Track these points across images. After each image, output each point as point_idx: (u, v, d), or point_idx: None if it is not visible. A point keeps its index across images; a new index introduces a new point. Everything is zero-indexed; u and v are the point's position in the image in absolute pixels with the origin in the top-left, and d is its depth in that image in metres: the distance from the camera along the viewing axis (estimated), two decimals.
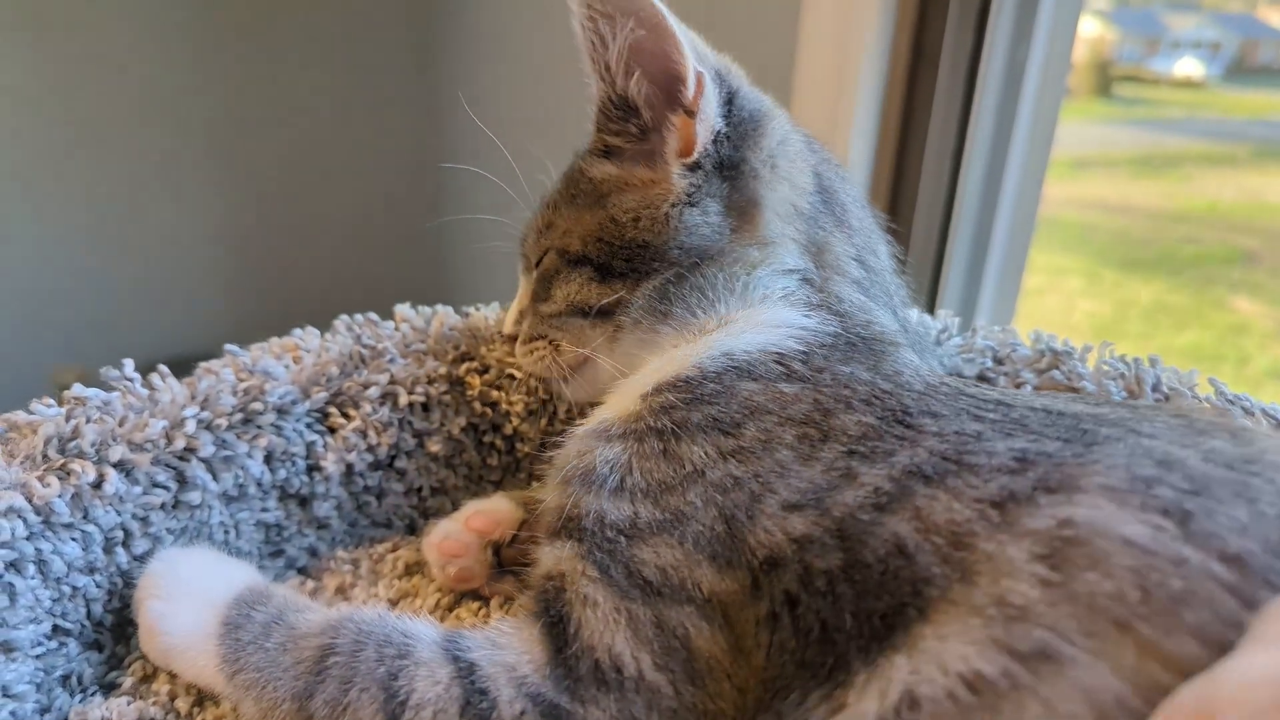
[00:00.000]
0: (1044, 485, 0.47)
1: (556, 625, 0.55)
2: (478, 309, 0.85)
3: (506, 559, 0.73)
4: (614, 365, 0.68)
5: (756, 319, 0.64)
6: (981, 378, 0.74)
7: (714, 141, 0.66)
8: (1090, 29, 1.85)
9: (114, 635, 0.68)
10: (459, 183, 2.61)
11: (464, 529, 0.72)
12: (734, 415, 0.58)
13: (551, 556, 0.59)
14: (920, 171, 1.20)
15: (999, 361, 0.75)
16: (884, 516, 0.50)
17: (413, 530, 0.83)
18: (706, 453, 0.57)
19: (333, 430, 0.76)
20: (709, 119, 0.65)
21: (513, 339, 0.75)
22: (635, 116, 0.67)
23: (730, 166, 0.67)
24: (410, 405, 0.78)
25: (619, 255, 0.68)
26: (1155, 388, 0.69)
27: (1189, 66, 1.95)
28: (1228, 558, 0.41)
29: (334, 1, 2.53)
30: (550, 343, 0.71)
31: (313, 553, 0.78)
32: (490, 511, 0.73)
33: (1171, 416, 0.54)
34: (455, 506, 0.79)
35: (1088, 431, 0.51)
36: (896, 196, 1.24)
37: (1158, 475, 0.45)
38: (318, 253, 2.73)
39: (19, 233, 2.39)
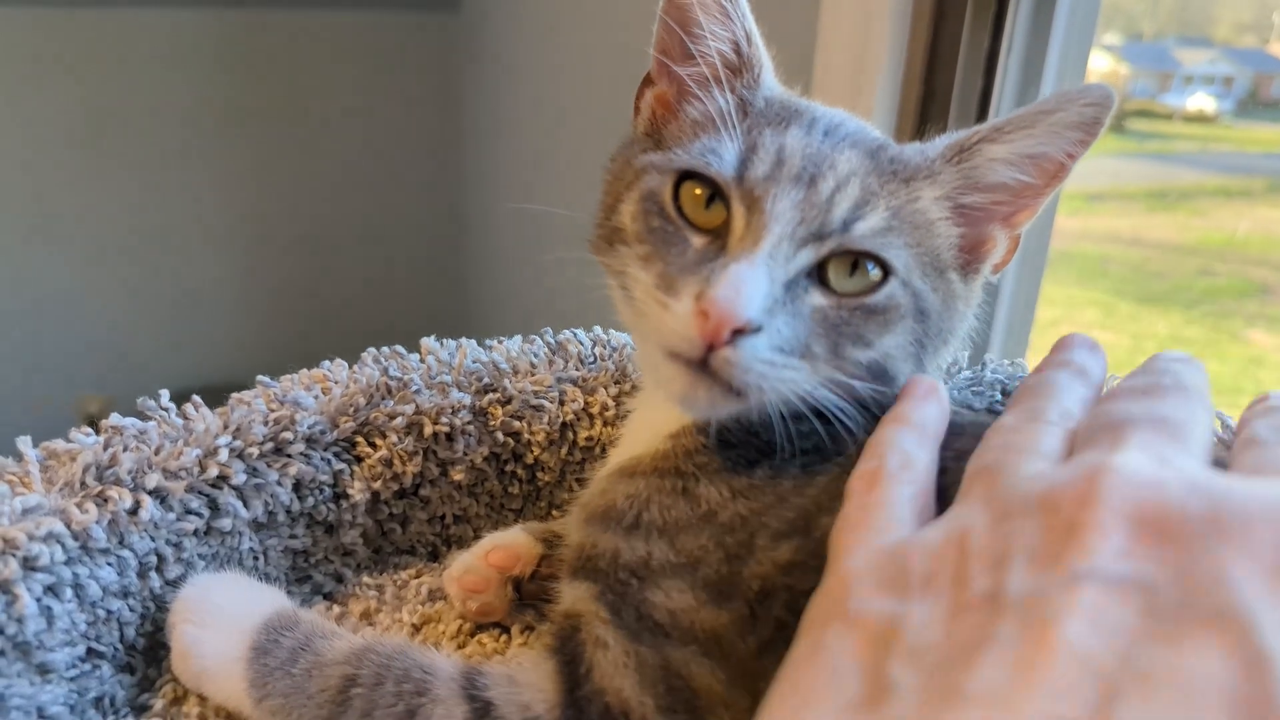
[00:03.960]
0: None
1: (570, 664, 0.56)
2: (500, 342, 0.88)
3: (527, 593, 0.74)
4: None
5: None
6: (991, 411, 0.75)
7: None
8: (1102, 64, 1.87)
9: (146, 658, 0.69)
10: (482, 217, 2.65)
11: (484, 565, 0.73)
12: (751, 455, 0.59)
13: (570, 595, 0.61)
14: None
15: (1008, 395, 0.76)
16: None
17: (435, 557, 0.85)
18: (720, 493, 0.58)
19: (359, 459, 0.79)
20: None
21: (739, 331, 0.52)
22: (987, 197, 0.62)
23: None
24: (435, 435, 0.80)
25: (933, 333, 0.61)
26: None
27: (1202, 101, 1.97)
28: None
29: (359, 41, 2.58)
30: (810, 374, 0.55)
31: (338, 579, 0.80)
32: (509, 546, 0.74)
33: None
34: (477, 534, 0.81)
35: None
36: None
37: None
38: (341, 285, 2.77)
39: (44, 264, 2.44)
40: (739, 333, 0.52)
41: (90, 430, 0.72)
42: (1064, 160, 0.59)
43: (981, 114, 1.16)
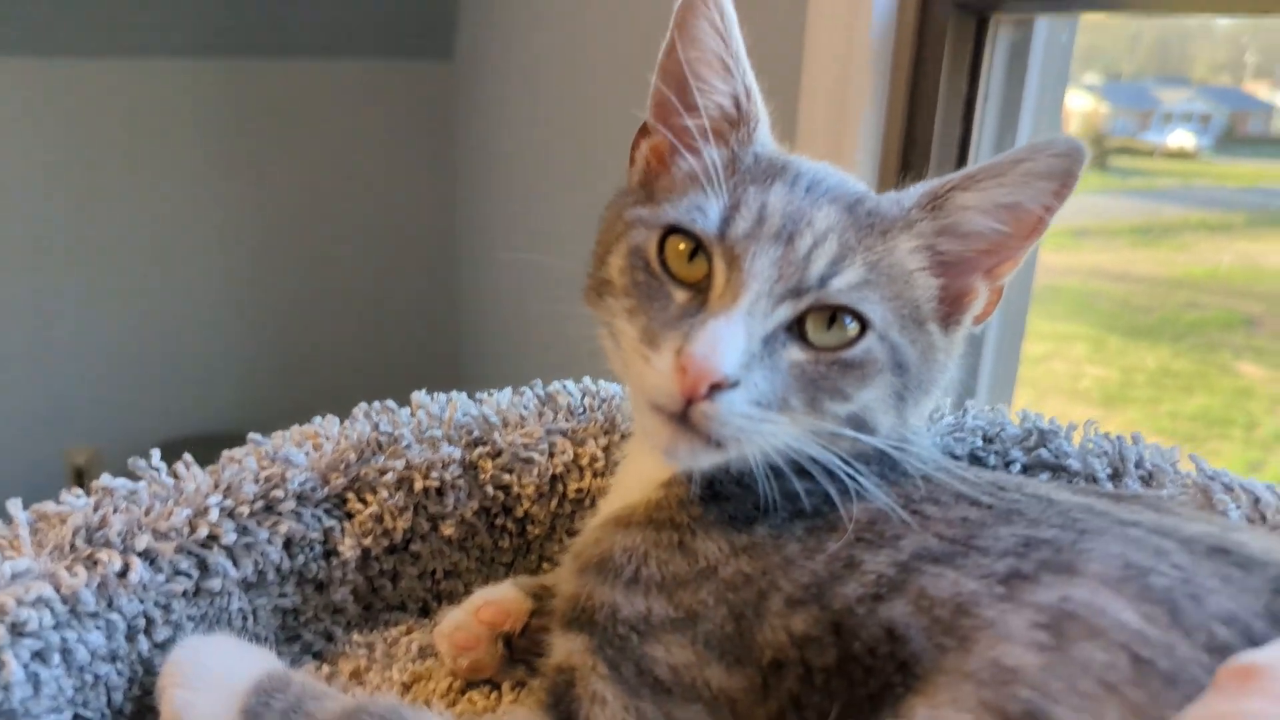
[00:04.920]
0: (1047, 566, 0.49)
1: None
2: (490, 394, 0.89)
3: (518, 649, 0.74)
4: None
5: None
6: (973, 457, 0.76)
7: None
8: (1084, 104, 1.91)
9: None
10: (477, 265, 2.66)
11: (474, 621, 0.73)
12: (747, 510, 0.60)
13: (564, 648, 0.61)
14: None
15: (989, 440, 0.77)
16: (879, 606, 0.51)
17: (426, 613, 0.85)
18: (720, 548, 0.58)
19: (350, 515, 0.79)
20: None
21: (716, 386, 0.53)
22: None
23: None
24: (425, 490, 0.80)
25: (913, 385, 0.61)
26: (1138, 465, 0.71)
27: (1181, 138, 2.00)
28: (1214, 648, 0.43)
29: (354, 90, 2.60)
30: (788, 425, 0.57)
31: (328, 637, 0.80)
32: (500, 602, 0.74)
33: (1145, 507, 0.57)
34: (468, 589, 0.81)
35: (1079, 520, 0.54)
36: None
37: (1151, 565, 0.48)
38: (331, 334, 2.76)
39: (32, 314, 2.44)
40: (716, 387, 0.53)
41: (81, 491, 0.72)
42: (1040, 213, 0.60)
43: (961, 160, 1.19)
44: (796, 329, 0.57)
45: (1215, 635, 0.44)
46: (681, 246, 0.60)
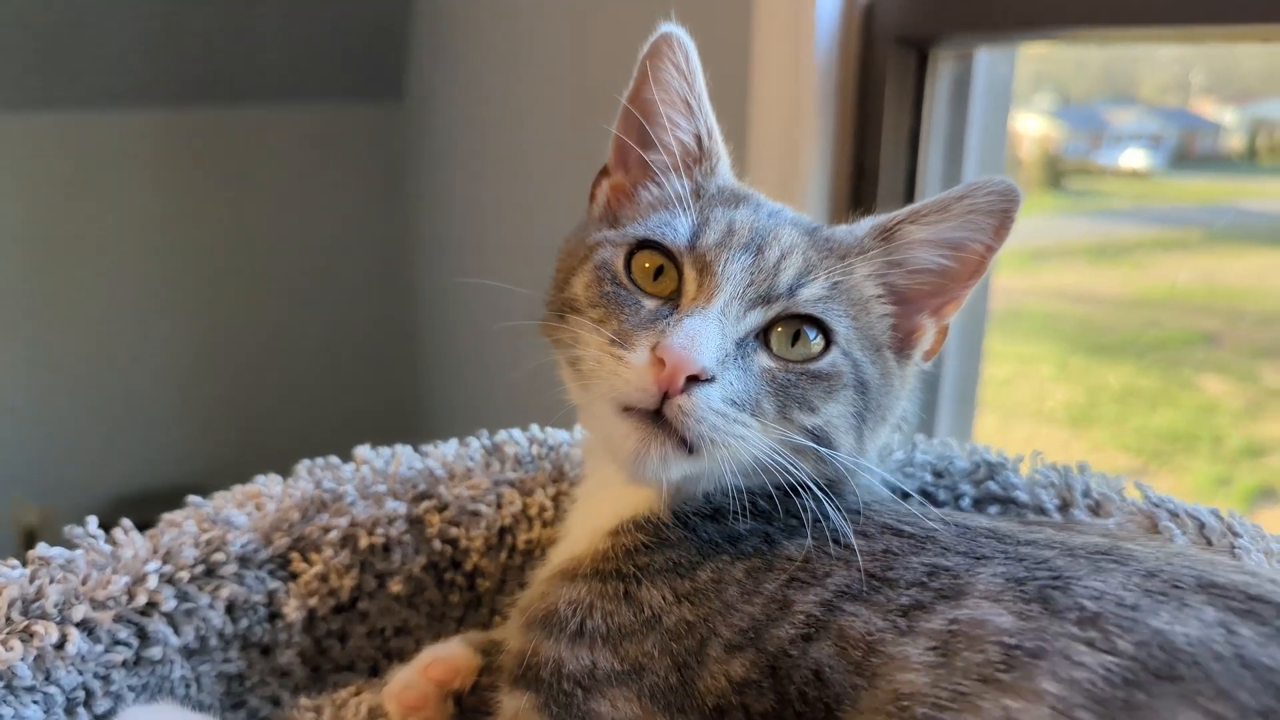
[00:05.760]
0: (943, 594, 0.52)
1: None
2: (436, 446, 0.88)
3: (469, 707, 0.73)
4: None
5: None
6: (923, 492, 0.76)
7: None
8: (1036, 126, 1.94)
9: None
10: (429, 313, 2.64)
11: (423, 680, 0.72)
12: (692, 555, 0.61)
13: (511, 706, 0.61)
14: None
15: (938, 475, 0.77)
16: (809, 647, 0.53)
17: (376, 672, 0.83)
18: (664, 596, 0.59)
19: (294, 576, 0.78)
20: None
21: (693, 379, 0.54)
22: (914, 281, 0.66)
23: None
24: (371, 547, 0.79)
25: (873, 407, 0.64)
26: (1085, 494, 0.71)
27: (1134, 158, 2.02)
28: (1085, 619, 0.46)
29: (304, 136, 2.59)
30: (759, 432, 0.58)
31: (275, 702, 0.79)
32: (448, 660, 0.73)
33: (1054, 530, 0.59)
34: (418, 646, 0.80)
35: (981, 543, 0.56)
36: None
37: (1028, 574, 0.51)
38: (286, 384, 2.72)
39: None
40: (693, 381, 0.55)
41: (16, 562, 0.71)
42: (982, 251, 0.63)
43: (909, 191, 1.20)
44: (763, 339, 0.60)
45: (1085, 608, 0.47)
46: (648, 264, 0.62)
